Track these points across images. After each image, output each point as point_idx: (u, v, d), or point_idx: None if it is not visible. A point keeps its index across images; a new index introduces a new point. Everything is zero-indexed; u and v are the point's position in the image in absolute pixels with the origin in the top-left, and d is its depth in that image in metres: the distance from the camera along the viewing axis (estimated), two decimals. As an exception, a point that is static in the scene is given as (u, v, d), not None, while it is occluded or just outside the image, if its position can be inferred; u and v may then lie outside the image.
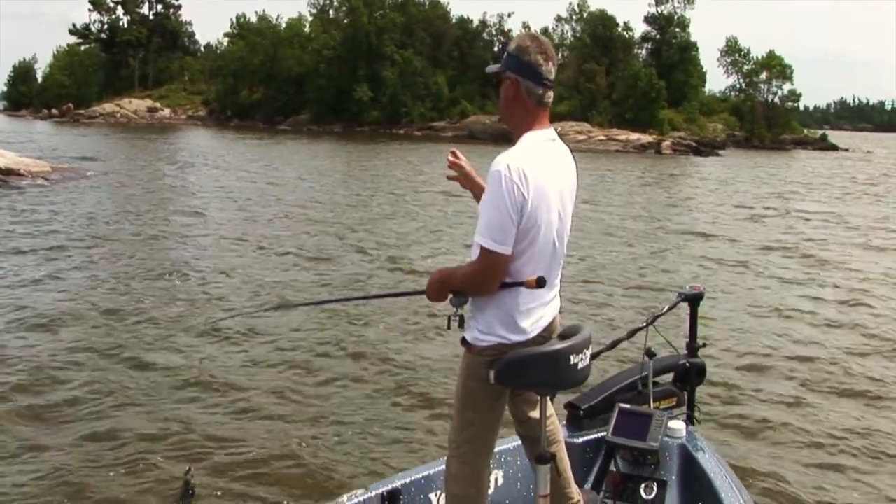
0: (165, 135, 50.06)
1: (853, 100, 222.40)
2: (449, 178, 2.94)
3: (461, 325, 2.61)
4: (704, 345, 3.57)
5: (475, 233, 2.52)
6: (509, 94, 2.59)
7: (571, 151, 2.72)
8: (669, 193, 25.27)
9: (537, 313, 2.61)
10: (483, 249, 2.47)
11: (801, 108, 74.63)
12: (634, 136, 54.34)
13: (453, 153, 2.86)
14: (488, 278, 2.51)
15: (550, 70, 2.57)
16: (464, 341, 2.63)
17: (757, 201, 22.78)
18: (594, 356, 2.70)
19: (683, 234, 15.82)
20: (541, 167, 2.49)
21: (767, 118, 67.36)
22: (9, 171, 19.34)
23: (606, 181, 26.17)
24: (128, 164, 26.82)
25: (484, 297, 2.56)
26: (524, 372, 2.51)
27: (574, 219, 2.73)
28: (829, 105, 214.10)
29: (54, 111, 73.92)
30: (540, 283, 2.49)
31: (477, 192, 2.81)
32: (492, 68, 2.64)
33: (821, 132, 76.07)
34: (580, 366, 2.52)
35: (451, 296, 2.60)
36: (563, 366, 2.48)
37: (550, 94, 2.60)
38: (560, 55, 71.90)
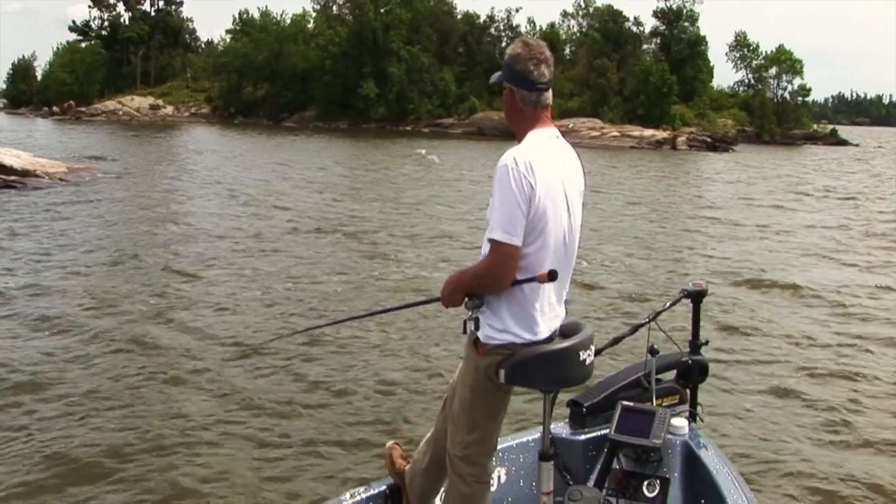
0: (170, 133, 49.25)
1: (851, 94, 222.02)
2: None
3: (476, 327, 2.59)
4: (707, 342, 3.55)
5: (488, 231, 2.50)
6: (507, 103, 2.64)
7: (576, 149, 2.73)
8: (699, 190, 24.75)
9: (552, 314, 2.62)
10: (494, 242, 2.46)
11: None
12: (648, 132, 53.58)
13: None
14: (500, 272, 2.48)
15: (544, 73, 2.57)
16: (475, 343, 2.59)
17: (784, 198, 22.28)
18: (596, 353, 2.76)
19: (715, 231, 15.51)
20: (546, 161, 2.51)
21: (777, 113, 66.60)
22: (25, 173, 18.52)
23: (633, 177, 25.57)
24: (139, 164, 26.14)
25: (499, 296, 2.53)
26: (535, 370, 2.54)
27: (604, 218, 2.32)
28: (826, 100, 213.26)
29: (55, 109, 72.77)
30: (552, 276, 2.46)
31: None
32: (493, 78, 2.67)
33: (830, 127, 75.34)
34: (587, 362, 2.60)
35: (466, 299, 2.57)
36: (572, 363, 2.56)
37: (547, 96, 2.61)
38: (569, 50, 71.77)
